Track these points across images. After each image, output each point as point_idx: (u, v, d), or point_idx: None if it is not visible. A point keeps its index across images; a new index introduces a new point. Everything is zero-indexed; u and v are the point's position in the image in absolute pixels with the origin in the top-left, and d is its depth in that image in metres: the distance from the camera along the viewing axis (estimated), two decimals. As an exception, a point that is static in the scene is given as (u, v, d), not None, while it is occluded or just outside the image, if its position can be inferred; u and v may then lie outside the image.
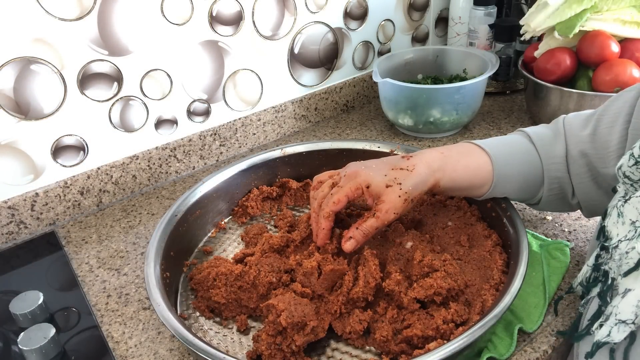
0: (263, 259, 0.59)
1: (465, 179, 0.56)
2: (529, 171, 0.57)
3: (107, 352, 0.56)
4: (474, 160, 0.56)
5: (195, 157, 0.90)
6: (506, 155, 0.57)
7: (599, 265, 0.46)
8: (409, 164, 0.55)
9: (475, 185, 0.57)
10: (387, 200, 0.54)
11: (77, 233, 0.76)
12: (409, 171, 0.55)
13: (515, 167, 0.57)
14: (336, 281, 0.55)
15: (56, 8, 0.68)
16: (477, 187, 0.57)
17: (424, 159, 0.56)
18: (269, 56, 0.93)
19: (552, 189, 0.58)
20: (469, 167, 0.56)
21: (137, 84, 0.79)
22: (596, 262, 0.47)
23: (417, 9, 1.14)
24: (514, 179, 0.57)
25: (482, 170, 0.56)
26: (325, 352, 0.53)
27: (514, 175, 0.57)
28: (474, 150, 0.58)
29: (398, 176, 0.54)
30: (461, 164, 0.56)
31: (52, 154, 0.76)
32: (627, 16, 0.81)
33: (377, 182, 0.55)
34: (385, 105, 0.95)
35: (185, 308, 0.60)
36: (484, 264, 0.58)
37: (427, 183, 0.55)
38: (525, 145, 0.58)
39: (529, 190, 0.59)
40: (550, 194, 0.58)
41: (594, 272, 0.47)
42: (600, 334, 0.42)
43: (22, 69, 0.69)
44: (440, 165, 0.56)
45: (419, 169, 0.55)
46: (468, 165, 0.56)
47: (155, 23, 0.78)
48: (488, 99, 1.07)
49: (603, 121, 0.53)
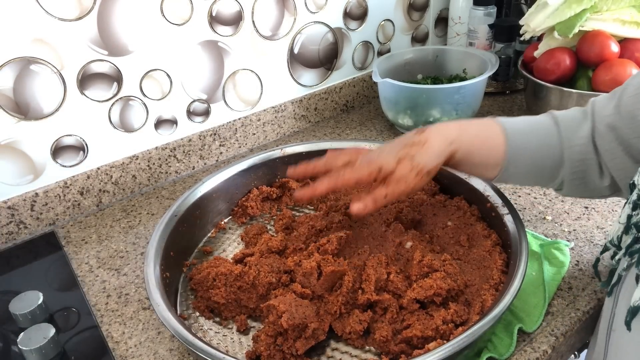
0: (263, 260, 0.59)
1: (480, 155, 0.55)
2: (546, 154, 0.55)
3: (107, 352, 0.56)
4: (491, 138, 0.55)
5: (195, 157, 0.90)
6: (523, 136, 0.55)
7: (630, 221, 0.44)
8: (421, 138, 0.54)
9: (489, 163, 0.56)
10: (397, 172, 0.53)
11: (77, 233, 0.76)
12: (422, 144, 0.54)
13: (530, 149, 0.55)
14: (336, 282, 0.55)
15: (56, 8, 0.68)
16: (490, 167, 0.56)
17: (440, 131, 0.55)
18: (269, 56, 0.93)
19: (575, 172, 0.55)
20: (485, 143, 0.55)
21: (136, 84, 0.79)
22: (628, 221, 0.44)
23: (417, 9, 1.14)
24: (527, 162, 0.55)
25: (496, 150, 0.55)
26: (325, 352, 0.53)
27: (526, 158, 0.55)
28: (493, 128, 0.56)
29: (409, 151, 0.54)
30: (479, 139, 0.55)
31: (52, 154, 0.76)
32: (626, 16, 0.81)
33: (388, 161, 0.54)
34: (385, 105, 0.95)
35: (185, 308, 0.60)
36: (484, 263, 0.58)
37: (443, 154, 0.54)
38: (548, 127, 0.56)
39: (544, 174, 0.56)
40: (573, 177, 0.55)
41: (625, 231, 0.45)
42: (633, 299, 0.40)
43: (22, 69, 0.69)
44: (457, 137, 0.54)
45: (433, 141, 0.54)
46: (485, 141, 0.55)
47: (155, 23, 0.78)
48: (488, 99, 1.07)
49: (627, 92, 0.51)
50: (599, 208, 0.72)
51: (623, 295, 0.44)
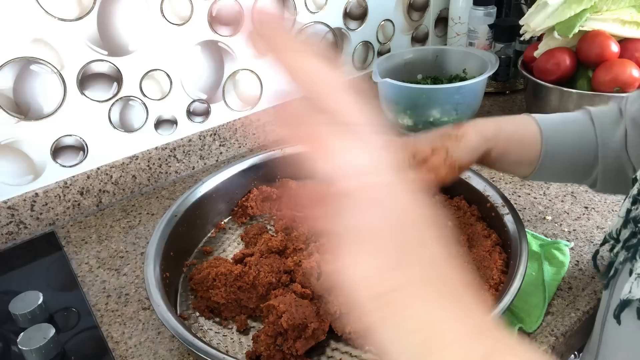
0: (262, 260, 0.59)
1: (516, 154, 0.55)
2: (581, 153, 0.54)
3: (107, 352, 0.56)
4: (527, 136, 0.55)
5: (195, 157, 0.90)
6: (559, 135, 0.55)
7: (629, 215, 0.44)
8: (458, 132, 0.54)
9: (524, 162, 0.55)
10: (430, 161, 0.53)
11: (76, 233, 0.76)
12: (458, 139, 0.54)
13: (565, 148, 0.55)
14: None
15: (56, 8, 0.68)
16: (525, 165, 0.56)
17: (477, 126, 0.54)
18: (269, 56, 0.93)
19: (609, 169, 0.54)
20: (522, 141, 0.55)
21: (136, 84, 0.79)
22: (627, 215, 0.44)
23: (417, 9, 1.14)
24: (562, 160, 0.55)
25: (532, 149, 0.54)
26: (325, 352, 0.53)
27: (561, 157, 0.55)
28: (529, 126, 0.55)
29: (446, 142, 0.53)
30: (515, 137, 0.55)
31: (52, 154, 0.76)
32: (626, 16, 0.81)
33: (422, 149, 0.54)
34: (385, 105, 0.95)
35: (185, 308, 0.60)
36: (484, 263, 0.58)
37: (478, 150, 0.54)
38: (584, 125, 0.55)
39: (577, 172, 0.56)
40: (606, 175, 0.55)
41: (624, 224, 0.45)
42: (623, 292, 0.40)
43: (22, 69, 0.69)
44: (494, 134, 0.54)
45: (470, 136, 0.53)
46: (521, 140, 0.55)
47: (154, 23, 0.77)
48: (488, 99, 1.07)
49: None
50: (599, 208, 0.72)
51: (618, 288, 0.44)
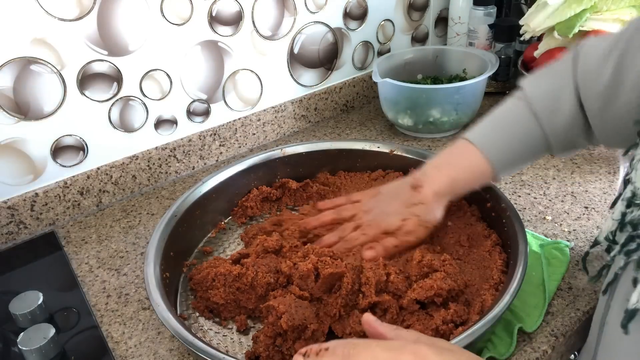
0: (260, 260, 0.59)
1: (472, 186, 0.61)
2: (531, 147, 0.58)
3: (107, 352, 0.56)
4: (477, 170, 0.59)
5: (195, 157, 0.90)
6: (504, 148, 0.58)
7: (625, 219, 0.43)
8: (421, 198, 0.60)
9: (484, 181, 0.61)
10: (405, 227, 0.60)
11: (76, 233, 0.76)
12: (423, 204, 0.60)
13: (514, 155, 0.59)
14: (334, 284, 0.54)
15: (56, 8, 0.68)
16: (486, 180, 0.61)
17: (434, 189, 0.60)
18: (269, 56, 0.93)
19: (563, 145, 0.57)
20: (475, 179, 0.60)
21: (136, 84, 0.79)
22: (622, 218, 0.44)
23: (417, 9, 1.14)
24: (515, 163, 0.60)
25: (484, 175, 0.59)
26: (325, 352, 0.53)
27: (513, 162, 0.60)
28: (475, 159, 0.59)
29: (414, 210, 0.60)
30: (469, 181, 0.60)
31: (52, 154, 0.76)
32: (626, 16, 0.81)
33: (395, 225, 0.61)
34: (385, 105, 0.95)
35: (185, 308, 0.60)
36: (484, 263, 0.58)
37: (442, 209, 0.61)
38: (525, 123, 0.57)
39: (533, 159, 0.61)
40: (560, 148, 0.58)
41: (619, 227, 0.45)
42: (631, 302, 0.39)
43: (22, 69, 0.69)
44: (451, 190, 0.60)
45: (431, 203, 0.60)
46: (475, 178, 0.60)
47: (154, 23, 0.77)
48: (488, 99, 1.07)
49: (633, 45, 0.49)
50: (599, 208, 0.72)
51: (619, 293, 0.44)
